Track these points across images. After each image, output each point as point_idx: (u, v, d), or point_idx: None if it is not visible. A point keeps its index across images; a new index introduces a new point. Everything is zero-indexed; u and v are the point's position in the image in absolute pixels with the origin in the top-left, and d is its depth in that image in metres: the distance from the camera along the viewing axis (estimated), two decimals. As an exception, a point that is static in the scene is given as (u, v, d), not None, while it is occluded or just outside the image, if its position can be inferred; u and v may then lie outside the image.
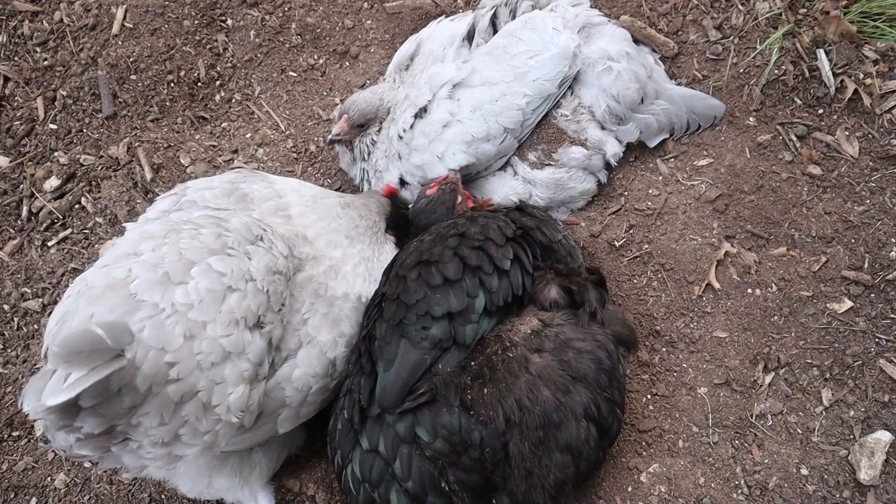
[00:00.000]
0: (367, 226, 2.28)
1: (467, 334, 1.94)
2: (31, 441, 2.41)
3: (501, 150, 2.47)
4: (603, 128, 2.54)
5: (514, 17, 2.53)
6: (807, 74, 2.63)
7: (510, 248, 2.06)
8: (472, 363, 1.95)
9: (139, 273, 1.63)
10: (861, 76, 2.59)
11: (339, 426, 1.99)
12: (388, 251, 2.30)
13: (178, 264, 1.67)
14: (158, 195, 2.67)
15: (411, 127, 2.45)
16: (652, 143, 2.67)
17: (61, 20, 2.96)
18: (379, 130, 2.55)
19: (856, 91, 2.58)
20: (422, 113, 2.45)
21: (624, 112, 2.52)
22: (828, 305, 2.43)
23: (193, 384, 1.61)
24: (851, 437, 2.28)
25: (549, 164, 2.52)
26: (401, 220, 2.44)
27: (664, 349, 2.43)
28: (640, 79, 2.51)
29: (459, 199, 2.38)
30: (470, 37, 2.49)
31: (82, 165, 2.77)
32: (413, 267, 2.00)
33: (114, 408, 1.54)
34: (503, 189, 2.54)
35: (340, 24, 2.98)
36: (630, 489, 2.24)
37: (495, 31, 2.51)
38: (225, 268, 1.70)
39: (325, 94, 2.89)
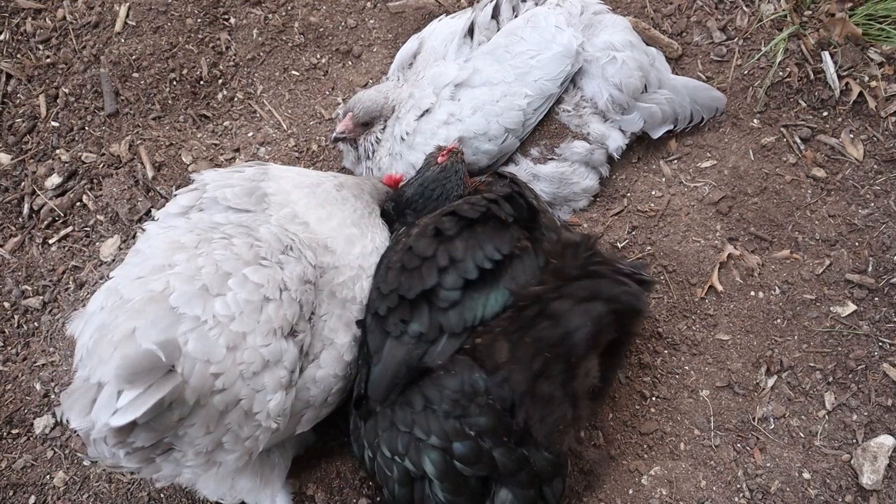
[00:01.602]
0: (368, 212, 2.27)
1: (453, 322, 1.91)
2: (30, 439, 2.40)
3: (503, 149, 2.46)
4: (605, 120, 2.52)
5: (515, 12, 2.51)
6: (811, 77, 2.62)
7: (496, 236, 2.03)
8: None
9: (177, 285, 1.64)
10: (866, 79, 2.59)
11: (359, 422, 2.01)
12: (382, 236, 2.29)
13: (216, 276, 1.68)
14: (160, 191, 2.70)
15: (415, 130, 2.45)
16: (656, 134, 2.64)
17: (64, 18, 2.96)
18: (384, 129, 2.55)
19: (861, 94, 2.57)
20: (426, 115, 2.44)
21: (627, 101, 2.49)
22: (831, 309, 2.42)
23: (237, 394, 1.65)
24: (854, 441, 2.27)
25: (552, 159, 2.51)
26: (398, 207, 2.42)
27: (666, 351, 2.42)
28: (643, 67, 2.48)
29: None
30: (471, 31, 2.47)
31: (84, 163, 2.77)
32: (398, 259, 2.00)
33: (165, 422, 1.57)
34: None
35: (343, 23, 2.97)
36: (631, 492, 2.23)
37: (498, 25, 2.49)
38: (261, 278, 1.73)
39: (327, 93, 2.88)
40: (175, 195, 2.04)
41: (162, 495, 2.30)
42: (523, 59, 2.38)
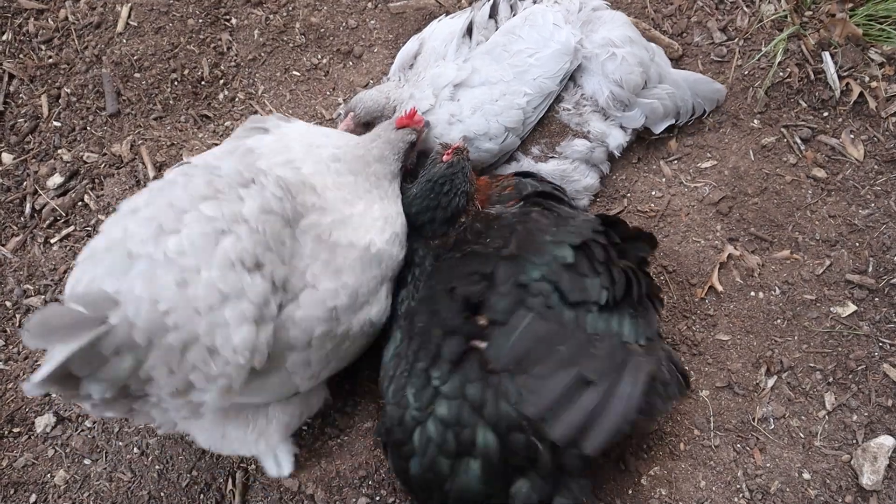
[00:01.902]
0: (385, 173, 2.23)
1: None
2: (32, 437, 2.41)
3: (504, 148, 2.46)
4: (606, 117, 2.51)
5: (514, 11, 2.51)
6: (812, 77, 2.62)
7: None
8: None
9: (135, 230, 1.66)
10: (867, 79, 2.59)
11: (412, 380, 1.96)
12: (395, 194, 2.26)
13: (170, 214, 1.69)
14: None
15: None
16: (658, 129, 2.63)
17: (66, 18, 2.97)
18: None
19: (861, 94, 2.57)
20: (426, 116, 2.44)
21: (628, 97, 2.48)
22: (831, 309, 2.42)
23: (194, 330, 1.63)
24: (854, 441, 2.27)
25: (553, 157, 2.51)
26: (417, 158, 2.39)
27: (666, 352, 2.42)
28: (643, 62, 2.47)
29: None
30: (469, 31, 2.47)
31: (85, 163, 2.77)
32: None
33: (116, 370, 1.58)
34: None
35: (344, 23, 2.98)
36: (630, 492, 2.23)
37: (497, 24, 2.49)
38: (216, 212, 1.71)
39: (328, 93, 2.89)
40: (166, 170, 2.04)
41: (162, 493, 2.31)
42: (522, 57, 2.38)
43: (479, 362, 1.90)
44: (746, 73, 2.69)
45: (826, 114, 2.62)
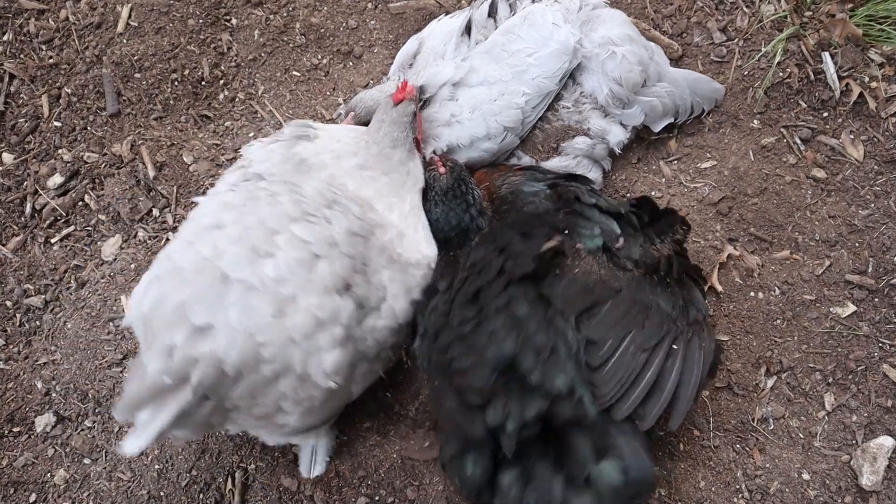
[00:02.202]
0: (404, 155, 2.20)
1: None
2: (31, 437, 2.42)
3: (503, 148, 2.46)
4: (606, 115, 2.50)
5: (513, 10, 2.50)
6: (812, 77, 2.62)
7: None
8: None
9: (226, 249, 1.61)
10: (866, 79, 2.59)
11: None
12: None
13: (262, 234, 1.65)
14: (161, 191, 2.71)
15: None
16: (657, 128, 2.62)
17: (67, 18, 2.97)
18: None
19: (861, 94, 2.57)
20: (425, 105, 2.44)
21: (627, 95, 2.47)
22: (831, 309, 2.42)
23: (288, 360, 1.60)
24: (854, 442, 2.27)
25: (555, 155, 2.51)
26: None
27: (665, 352, 2.42)
28: (642, 61, 2.47)
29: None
30: (468, 29, 2.47)
31: (86, 163, 2.78)
32: None
33: (201, 415, 1.58)
34: None
35: (344, 24, 2.98)
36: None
37: (496, 23, 2.48)
38: (309, 235, 1.69)
39: (328, 93, 2.89)
40: (223, 174, 2.00)
41: (162, 493, 2.31)
42: (520, 57, 2.38)
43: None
44: (746, 73, 2.69)
45: (826, 114, 2.62)
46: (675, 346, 1.86)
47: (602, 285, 1.88)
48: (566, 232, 1.99)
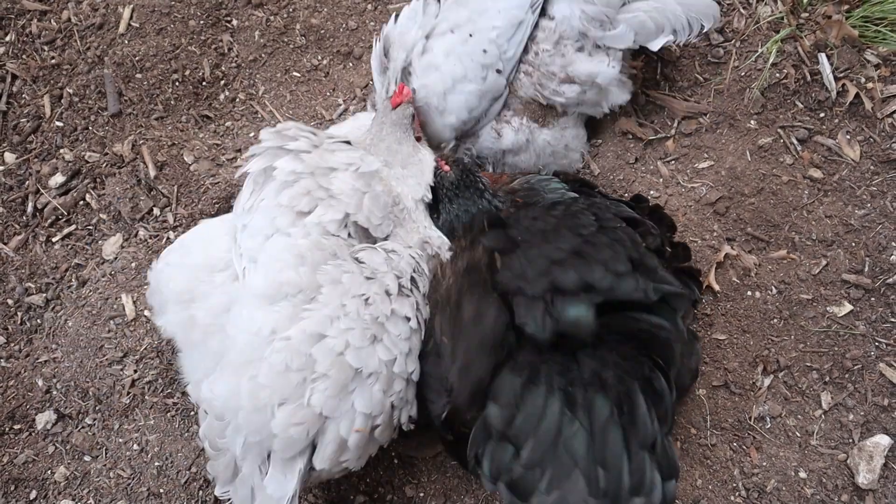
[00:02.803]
0: (409, 150, 2.28)
1: None
2: (32, 434, 2.43)
3: (490, 89, 2.40)
4: (591, 54, 2.42)
5: None
6: (808, 78, 2.63)
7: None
8: None
9: (353, 342, 1.83)
10: (862, 80, 2.60)
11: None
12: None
13: (378, 325, 1.88)
14: (162, 191, 2.72)
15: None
16: (655, 46, 2.48)
17: (69, 19, 2.99)
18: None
19: (857, 95, 2.58)
20: (405, 76, 2.41)
21: (605, 13, 2.37)
22: (828, 309, 2.43)
23: (385, 418, 1.87)
24: (850, 440, 2.27)
25: (550, 126, 2.48)
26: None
27: (663, 350, 2.43)
28: None
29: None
30: None
31: (87, 162, 2.79)
32: None
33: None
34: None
35: (344, 25, 3.00)
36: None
37: None
38: (408, 311, 1.92)
39: (328, 94, 2.91)
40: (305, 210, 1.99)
41: (161, 490, 2.32)
42: None
43: None
44: (743, 74, 2.71)
45: (822, 115, 2.63)
46: None
47: None
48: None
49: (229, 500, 1.89)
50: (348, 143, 2.19)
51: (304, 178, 1.97)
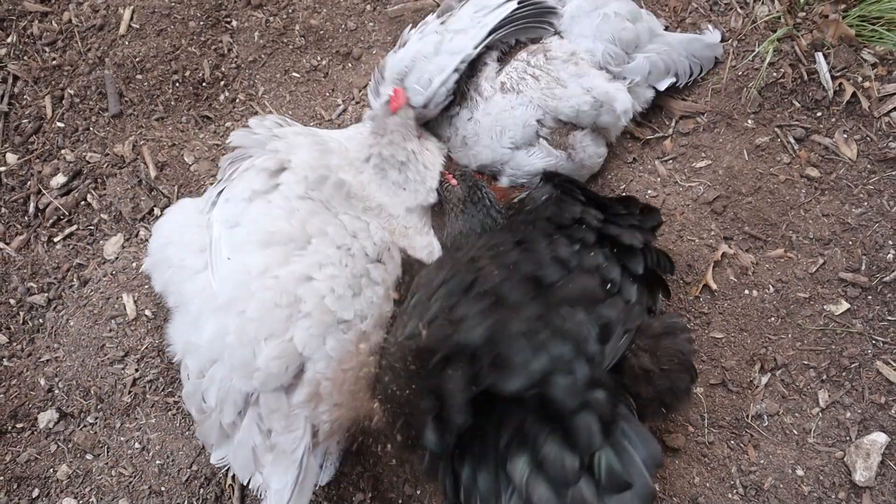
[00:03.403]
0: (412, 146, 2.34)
1: None
2: (34, 433, 2.44)
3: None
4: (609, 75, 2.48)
5: None
6: (805, 77, 2.64)
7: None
8: None
9: (338, 290, 1.96)
10: (859, 79, 2.60)
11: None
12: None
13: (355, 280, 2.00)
14: (163, 191, 2.73)
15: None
16: (662, 86, 2.64)
17: (70, 21, 3.00)
18: None
19: (854, 94, 2.59)
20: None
21: (623, 54, 2.49)
22: (825, 307, 2.44)
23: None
24: (847, 438, 2.28)
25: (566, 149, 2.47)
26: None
27: (661, 349, 2.44)
28: (633, 16, 2.50)
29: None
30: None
31: (88, 163, 2.81)
32: None
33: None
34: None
35: (343, 26, 3.01)
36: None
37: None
38: (379, 277, 2.05)
39: (327, 94, 2.92)
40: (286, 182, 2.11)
41: (163, 488, 2.34)
42: None
43: None
44: (740, 73, 2.72)
45: (819, 114, 2.64)
46: None
47: None
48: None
49: (227, 466, 1.95)
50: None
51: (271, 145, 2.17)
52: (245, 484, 1.99)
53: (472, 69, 2.38)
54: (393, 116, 2.27)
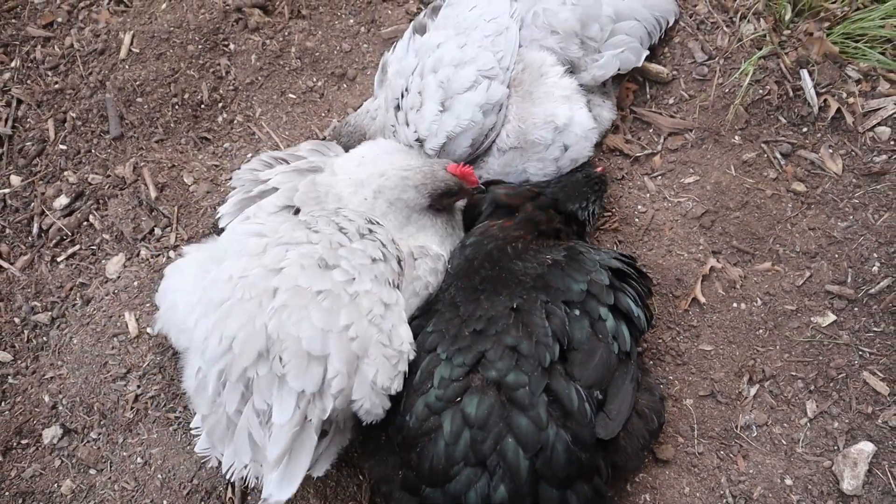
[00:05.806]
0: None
1: None
2: (39, 449, 2.49)
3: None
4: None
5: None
6: (791, 94, 2.69)
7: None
8: None
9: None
10: (844, 95, 2.65)
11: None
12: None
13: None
14: (163, 211, 2.79)
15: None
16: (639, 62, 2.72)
17: (72, 45, 3.06)
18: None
19: (839, 110, 2.63)
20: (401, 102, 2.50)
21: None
22: (812, 319, 2.48)
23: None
24: (835, 448, 2.31)
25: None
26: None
27: (651, 362, 2.48)
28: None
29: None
30: (415, 30, 2.63)
31: (90, 184, 2.87)
32: None
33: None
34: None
35: (338, 47, 3.06)
36: (615, 497, 2.28)
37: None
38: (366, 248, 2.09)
39: (323, 115, 2.97)
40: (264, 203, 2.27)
41: (164, 502, 2.38)
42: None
43: None
44: (727, 91, 2.76)
45: (805, 129, 2.68)
46: None
47: None
48: None
49: (233, 472, 1.95)
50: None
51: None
52: (245, 486, 1.99)
53: None
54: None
